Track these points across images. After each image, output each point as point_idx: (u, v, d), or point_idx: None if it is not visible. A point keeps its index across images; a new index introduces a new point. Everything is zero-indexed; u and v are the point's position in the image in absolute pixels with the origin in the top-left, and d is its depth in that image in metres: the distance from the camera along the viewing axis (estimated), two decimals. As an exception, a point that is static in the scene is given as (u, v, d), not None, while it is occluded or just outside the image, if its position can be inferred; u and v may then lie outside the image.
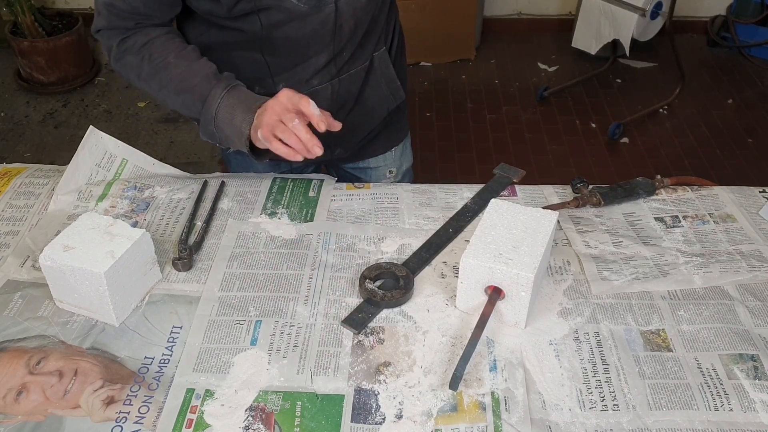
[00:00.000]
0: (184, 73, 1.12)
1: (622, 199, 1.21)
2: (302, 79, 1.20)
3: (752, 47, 3.68)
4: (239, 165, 1.40)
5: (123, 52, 1.15)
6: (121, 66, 1.17)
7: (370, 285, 1.02)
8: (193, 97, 1.12)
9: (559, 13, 3.91)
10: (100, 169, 1.27)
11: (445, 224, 1.16)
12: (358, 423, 0.86)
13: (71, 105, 3.36)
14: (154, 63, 1.13)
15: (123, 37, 1.14)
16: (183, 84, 1.12)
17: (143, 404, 0.88)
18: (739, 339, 0.95)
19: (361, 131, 1.36)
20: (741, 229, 1.16)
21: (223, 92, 1.10)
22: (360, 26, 1.18)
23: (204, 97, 1.10)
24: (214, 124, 1.11)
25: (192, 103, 1.12)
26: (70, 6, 3.84)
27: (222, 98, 1.09)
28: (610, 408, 0.87)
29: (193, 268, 1.08)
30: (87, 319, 0.99)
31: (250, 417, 0.86)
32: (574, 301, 1.02)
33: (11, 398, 0.88)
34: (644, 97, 3.37)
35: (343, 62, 1.21)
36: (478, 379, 0.91)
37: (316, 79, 1.20)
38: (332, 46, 1.17)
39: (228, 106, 1.09)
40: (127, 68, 1.16)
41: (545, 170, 2.93)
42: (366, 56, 1.25)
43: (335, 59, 1.19)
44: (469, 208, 1.19)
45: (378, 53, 1.27)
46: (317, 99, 1.19)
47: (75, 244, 0.97)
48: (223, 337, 0.97)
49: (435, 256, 1.10)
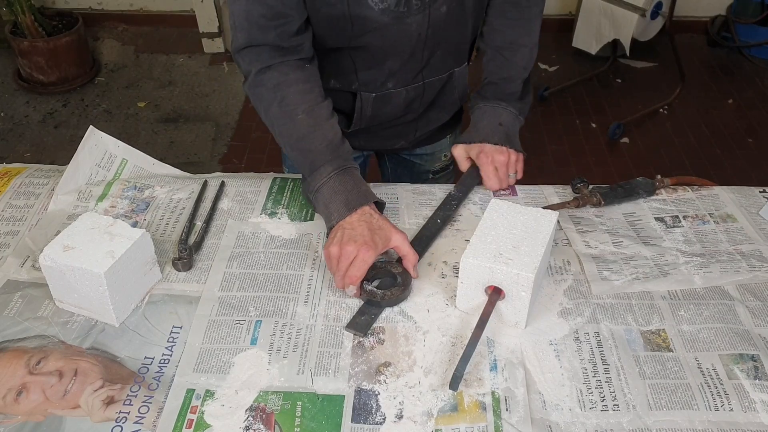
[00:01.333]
0: (306, 133, 1.10)
1: (622, 199, 1.21)
2: (378, 81, 1.23)
3: (752, 47, 3.69)
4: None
5: (258, 83, 1.12)
6: (252, 95, 1.15)
7: (369, 286, 1.01)
8: (305, 161, 1.11)
9: (559, 13, 3.91)
10: (100, 169, 1.27)
11: (432, 215, 1.17)
12: (359, 423, 0.86)
13: (71, 105, 3.37)
14: (284, 110, 1.11)
15: (262, 67, 1.11)
16: (302, 143, 1.11)
17: (143, 404, 0.88)
18: (739, 339, 0.95)
19: (425, 128, 1.39)
20: (741, 229, 1.16)
21: (333, 172, 1.08)
22: (439, 41, 1.20)
23: (315, 167, 1.09)
24: (314, 196, 1.10)
25: (302, 164, 1.12)
26: (70, 6, 3.85)
27: (330, 178, 1.08)
28: (610, 408, 0.87)
29: (193, 268, 1.08)
30: (87, 319, 0.99)
31: (250, 417, 0.86)
32: (574, 301, 1.02)
33: (11, 398, 0.88)
34: (644, 97, 3.37)
35: (418, 71, 1.23)
36: (478, 379, 0.91)
37: (390, 82, 1.23)
38: (409, 55, 1.19)
39: (331, 189, 1.08)
40: (257, 100, 1.14)
41: (545, 170, 2.93)
42: (446, 69, 1.27)
43: (411, 67, 1.22)
44: (453, 197, 1.21)
45: (459, 69, 1.29)
46: (390, 102, 1.25)
47: (75, 244, 0.97)
48: (223, 337, 0.97)
49: (428, 249, 1.10)
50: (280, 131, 1.13)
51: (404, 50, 1.18)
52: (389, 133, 1.35)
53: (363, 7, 1.09)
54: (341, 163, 1.10)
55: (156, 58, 3.72)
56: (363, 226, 1.03)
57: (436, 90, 1.30)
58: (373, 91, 1.24)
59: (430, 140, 1.45)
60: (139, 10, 3.96)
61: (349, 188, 1.08)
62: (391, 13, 1.11)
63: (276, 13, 1.07)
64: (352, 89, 1.25)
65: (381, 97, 1.25)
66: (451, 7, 1.15)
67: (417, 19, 1.13)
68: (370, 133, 1.34)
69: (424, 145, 1.46)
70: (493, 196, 1.23)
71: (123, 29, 3.94)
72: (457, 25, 1.21)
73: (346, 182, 1.08)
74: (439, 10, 1.14)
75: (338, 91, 1.25)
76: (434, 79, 1.27)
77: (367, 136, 1.35)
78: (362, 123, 1.30)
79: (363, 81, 1.23)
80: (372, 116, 1.29)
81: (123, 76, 3.58)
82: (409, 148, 1.45)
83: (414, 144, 1.43)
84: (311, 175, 1.10)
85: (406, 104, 1.28)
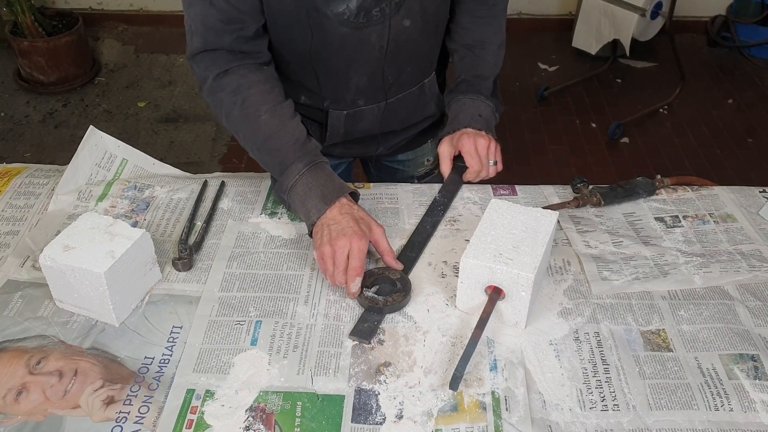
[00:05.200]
0: (271, 134, 1.09)
1: (622, 199, 1.21)
2: (347, 99, 1.22)
3: (752, 47, 3.69)
4: None
5: (217, 89, 1.11)
6: (212, 101, 1.13)
7: (369, 293, 1.01)
8: (274, 161, 1.10)
9: (559, 13, 3.91)
10: (100, 169, 1.27)
11: (421, 221, 1.17)
12: (359, 423, 0.86)
13: (71, 105, 3.36)
14: (246, 111, 1.10)
15: (220, 72, 1.10)
16: (268, 143, 1.10)
17: (143, 404, 0.88)
18: (739, 339, 0.95)
19: (403, 136, 1.38)
20: (741, 229, 1.16)
21: (304, 169, 1.07)
22: (405, 57, 1.19)
23: (285, 166, 1.08)
24: (288, 195, 1.09)
25: (272, 165, 1.11)
26: (70, 6, 3.85)
27: (302, 175, 1.07)
28: (610, 408, 0.87)
29: (193, 268, 1.08)
30: (87, 319, 0.99)
31: (250, 417, 0.86)
32: (574, 301, 1.02)
33: (11, 398, 0.88)
34: (644, 97, 3.37)
35: (388, 86, 1.22)
36: (478, 379, 0.91)
37: (360, 99, 1.22)
38: (373, 70, 1.18)
39: (305, 185, 1.07)
40: (218, 105, 1.13)
41: (545, 170, 2.93)
42: (415, 82, 1.27)
43: (378, 84, 1.21)
44: (438, 202, 1.21)
45: (428, 79, 1.29)
46: (363, 119, 1.23)
47: (75, 244, 0.97)
48: (223, 337, 0.97)
49: (420, 254, 1.10)
50: (244, 134, 1.12)
51: (367, 64, 1.16)
52: (366, 141, 1.34)
53: (322, 16, 1.08)
54: (311, 158, 1.09)
55: (156, 58, 3.72)
56: (347, 218, 1.03)
57: (408, 104, 1.29)
58: (344, 108, 1.23)
59: (411, 146, 1.43)
60: (139, 10, 3.96)
61: (323, 182, 1.07)
62: (350, 24, 1.09)
63: (232, 17, 1.07)
64: (322, 107, 1.24)
65: (352, 114, 1.24)
66: (415, 21, 1.14)
67: (377, 30, 1.11)
68: (346, 147, 1.33)
69: (406, 151, 1.44)
70: (493, 195, 1.24)
71: (123, 29, 3.94)
72: (423, 40, 1.20)
73: (318, 177, 1.08)
74: (401, 24, 1.13)
75: (310, 107, 1.25)
76: (404, 94, 1.26)
77: (344, 148, 1.34)
78: (337, 138, 1.29)
79: (332, 98, 1.22)
80: (345, 133, 1.28)
81: (123, 76, 3.58)
82: (390, 154, 1.43)
83: (394, 150, 1.42)
84: (282, 174, 1.09)
85: (379, 121, 1.28)
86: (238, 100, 1.10)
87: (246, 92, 1.10)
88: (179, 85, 3.51)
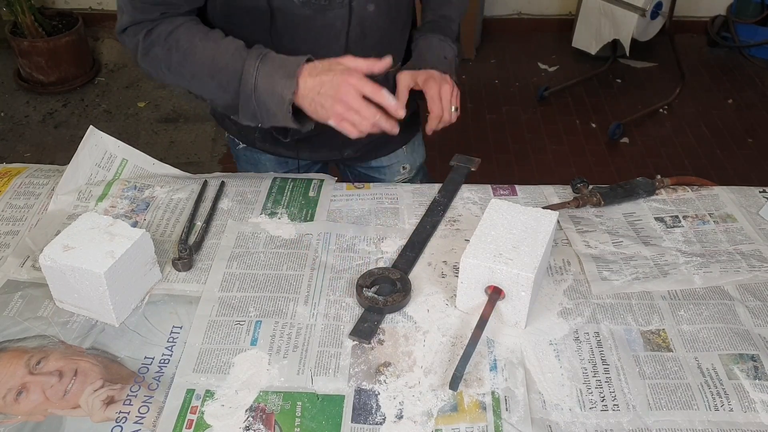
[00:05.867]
0: (213, 54, 1.08)
1: (622, 199, 1.21)
2: None
3: (752, 47, 3.69)
4: (247, 162, 1.41)
5: (149, 46, 1.10)
6: (148, 61, 1.12)
7: (369, 293, 1.01)
8: (228, 76, 1.07)
9: (559, 13, 3.91)
10: (100, 169, 1.27)
11: (420, 221, 1.17)
12: (359, 423, 0.86)
13: (71, 105, 3.37)
14: (182, 50, 1.09)
15: (148, 29, 1.10)
16: (214, 65, 1.08)
17: (143, 404, 0.88)
18: (739, 339, 0.95)
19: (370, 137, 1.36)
20: (741, 229, 1.16)
21: (257, 62, 1.05)
22: (369, 37, 1.18)
23: (239, 73, 1.06)
24: (254, 97, 1.06)
25: (227, 82, 1.08)
26: (70, 6, 3.85)
27: (257, 69, 1.05)
28: (610, 408, 0.87)
29: (193, 268, 1.08)
30: (87, 319, 0.99)
31: (250, 417, 0.86)
32: (574, 301, 1.02)
33: (11, 398, 0.88)
34: (644, 97, 3.37)
35: None
36: (478, 379, 0.91)
37: None
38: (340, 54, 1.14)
39: (266, 75, 1.05)
40: (156, 62, 1.11)
41: (545, 170, 2.93)
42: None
43: None
44: (438, 202, 1.21)
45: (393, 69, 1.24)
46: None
47: (75, 244, 0.97)
48: (223, 337, 0.97)
49: (420, 254, 1.10)
50: (191, 72, 1.10)
51: (332, 52, 1.13)
52: (333, 142, 1.28)
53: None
54: (258, 52, 1.07)
55: (156, 58, 3.72)
56: (322, 76, 1.02)
57: None
58: None
59: (384, 151, 1.42)
60: (139, 10, 3.96)
61: (279, 63, 1.05)
62: (312, 5, 1.08)
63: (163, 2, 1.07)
64: None
65: None
66: (380, 5, 1.13)
67: (340, 14, 1.11)
68: (311, 142, 1.30)
69: (379, 156, 1.43)
70: (493, 195, 1.24)
71: (123, 29, 3.94)
72: (387, 26, 1.19)
73: (273, 60, 1.06)
74: (365, 9, 1.12)
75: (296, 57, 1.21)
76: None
77: (310, 146, 1.32)
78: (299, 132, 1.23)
79: None
80: None
81: (123, 76, 3.58)
82: (361, 158, 1.41)
83: (365, 154, 1.40)
84: (241, 81, 1.06)
85: None
86: (172, 45, 1.09)
87: (176, 34, 1.09)
88: (179, 85, 3.51)
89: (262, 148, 1.37)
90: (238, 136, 1.39)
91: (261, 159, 1.40)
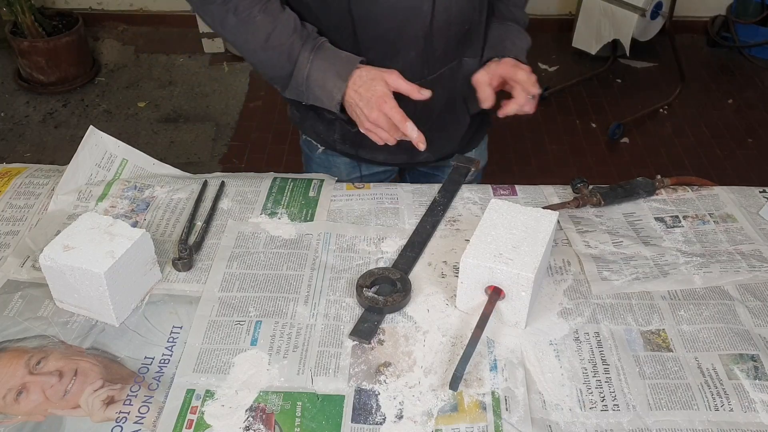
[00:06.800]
0: (270, 30, 1.12)
1: (622, 199, 1.21)
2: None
3: (752, 47, 3.69)
4: (320, 165, 1.42)
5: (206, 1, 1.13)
6: (203, 13, 1.16)
7: (369, 293, 1.01)
8: (282, 56, 1.13)
9: (559, 13, 3.91)
10: (100, 169, 1.27)
11: (421, 221, 1.16)
12: (359, 423, 0.86)
13: (71, 105, 3.37)
14: (241, 17, 1.12)
15: None
16: (269, 42, 1.12)
17: (143, 404, 0.88)
18: (739, 339, 0.95)
19: (449, 137, 1.36)
20: (741, 229, 1.16)
21: (311, 55, 1.11)
22: (453, 24, 1.16)
23: (293, 57, 1.12)
24: (306, 85, 1.12)
25: (280, 61, 1.13)
26: (70, 6, 3.85)
27: (311, 61, 1.11)
28: (610, 408, 0.87)
29: (193, 268, 1.08)
30: (87, 319, 0.99)
31: (250, 417, 0.86)
32: (574, 301, 1.02)
33: (11, 398, 0.88)
34: (644, 97, 3.37)
35: (434, 61, 1.19)
36: (478, 379, 0.91)
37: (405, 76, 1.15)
38: (423, 41, 1.16)
39: (320, 69, 1.11)
40: (210, 17, 1.15)
41: (545, 170, 2.93)
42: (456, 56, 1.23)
43: (425, 57, 1.18)
44: (438, 202, 1.20)
45: (469, 59, 1.25)
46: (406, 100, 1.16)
47: (75, 244, 0.97)
48: (223, 337, 0.97)
49: (420, 254, 1.10)
50: (244, 39, 1.14)
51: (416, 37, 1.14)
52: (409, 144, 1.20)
53: None
54: (313, 42, 1.12)
55: (156, 58, 3.72)
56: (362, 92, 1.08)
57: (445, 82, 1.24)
58: None
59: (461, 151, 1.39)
60: (139, 10, 3.96)
61: (333, 60, 1.11)
62: None
63: None
64: None
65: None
66: None
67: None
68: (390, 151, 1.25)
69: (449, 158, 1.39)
70: (493, 195, 1.24)
71: (123, 29, 3.94)
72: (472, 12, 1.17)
73: (327, 57, 1.12)
74: None
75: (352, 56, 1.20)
76: (444, 69, 1.22)
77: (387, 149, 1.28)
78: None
79: None
80: None
81: (123, 76, 3.58)
82: (433, 160, 1.40)
83: (439, 156, 1.38)
84: (295, 66, 1.12)
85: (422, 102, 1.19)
86: (231, 7, 1.12)
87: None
88: (179, 85, 3.51)
89: (342, 150, 1.36)
90: (317, 138, 1.38)
91: (336, 162, 1.40)
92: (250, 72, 3.57)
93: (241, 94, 3.43)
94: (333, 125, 1.30)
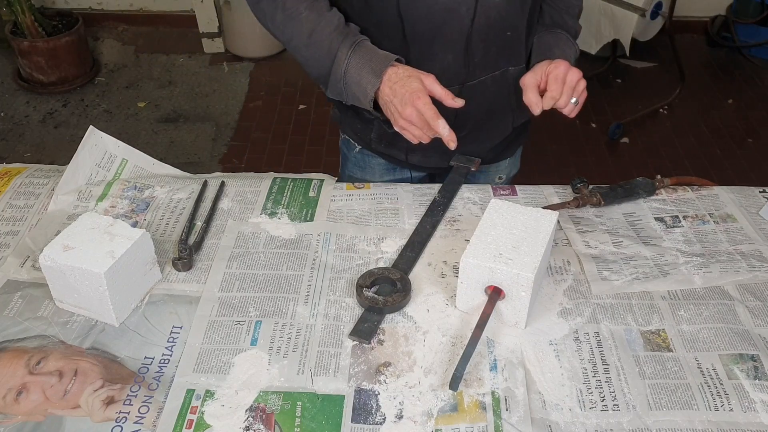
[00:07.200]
0: (313, 27, 1.15)
1: (622, 199, 1.21)
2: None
3: (752, 47, 3.68)
4: (356, 165, 1.42)
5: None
6: (256, 10, 1.20)
7: (369, 293, 1.01)
8: (322, 53, 1.15)
9: (559, 13, 3.90)
10: (100, 169, 1.27)
11: (421, 221, 1.17)
12: (359, 423, 0.86)
13: (71, 105, 3.36)
14: (288, 13, 1.16)
15: None
16: (312, 38, 1.15)
17: (143, 404, 0.88)
18: (739, 339, 0.95)
19: (485, 143, 1.34)
20: (741, 229, 1.16)
21: (350, 52, 1.13)
22: (493, 29, 1.16)
23: (333, 54, 1.14)
24: (343, 82, 1.14)
25: (321, 58, 1.16)
26: (70, 6, 3.85)
27: (349, 58, 1.13)
28: (610, 408, 0.87)
29: (193, 268, 1.08)
30: (87, 319, 0.99)
31: (250, 417, 0.86)
32: (574, 301, 1.02)
33: (11, 398, 0.88)
34: (644, 97, 3.37)
35: (473, 66, 1.19)
36: (478, 379, 0.91)
37: (443, 79, 1.14)
38: (461, 44, 1.16)
39: (355, 66, 1.12)
40: (261, 14, 1.19)
41: (545, 170, 2.93)
42: (499, 67, 1.22)
43: (464, 61, 1.18)
44: (438, 202, 1.21)
45: (514, 69, 1.23)
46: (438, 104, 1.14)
47: (75, 244, 0.97)
48: (223, 337, 0.97)
49: (420, 254, 1.10)
50: (291, 34, 1.17)
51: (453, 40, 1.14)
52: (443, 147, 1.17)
53: None
54: (353, 39, 1.14)
55: (156, 58, 3.72)
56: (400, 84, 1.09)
57: (486, 91, 1.23)
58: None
59: (494, 159, 1.40)
60: (139, 10, 3.96)
61: (369, 57, 1.13)
62: None
63: None
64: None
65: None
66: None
67: (466, 1, 1.11)
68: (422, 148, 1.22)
69: (486, 163, 1.39)
70: (493, 195, 1.24)
71: (123, 29, 3.94)
72: (513, 19, 1.17)
73: (364, 54, 1.13)
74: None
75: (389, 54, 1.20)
76: (486, 77, 1.21)
77: (421, 152, 1.29)
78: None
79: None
80: None
81: (123, 76, 3.58)
82: None
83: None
84: (333, 63, 1.14)
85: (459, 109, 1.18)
86: (279, 4, 1.16)
87: None
88: (179, 85, 3.51)
89: (377, 149, 1.36)
90: (355, 137, 1.38)
91: (371, 163, 1.40)
92: (250, 72, 3.57)
93: (241, 94, 3.43)
94: (371, 124, 1.31)
